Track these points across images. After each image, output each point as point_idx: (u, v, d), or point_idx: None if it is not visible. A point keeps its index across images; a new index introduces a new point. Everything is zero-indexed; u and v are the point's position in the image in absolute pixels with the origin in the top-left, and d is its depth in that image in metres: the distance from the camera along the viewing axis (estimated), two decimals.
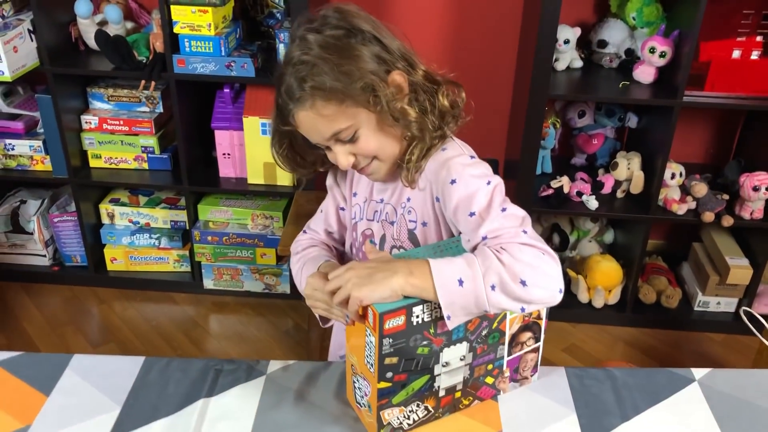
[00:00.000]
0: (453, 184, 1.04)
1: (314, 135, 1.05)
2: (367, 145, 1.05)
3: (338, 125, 1.02)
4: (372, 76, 1.00)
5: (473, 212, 1.01)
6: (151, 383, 1.17)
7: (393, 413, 1.02)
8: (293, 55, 1.01)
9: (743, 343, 2.34)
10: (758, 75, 2.04)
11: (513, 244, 0.96)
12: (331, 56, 0.99)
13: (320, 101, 1.00)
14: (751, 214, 2.21)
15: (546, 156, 2.41)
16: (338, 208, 1.28)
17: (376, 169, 1.11)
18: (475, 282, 0.93)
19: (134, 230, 2.52)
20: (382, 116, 1.03)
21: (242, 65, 2.14)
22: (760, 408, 1.13)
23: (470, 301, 0.94)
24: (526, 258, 0.95)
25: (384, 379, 0.98)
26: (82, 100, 2.38)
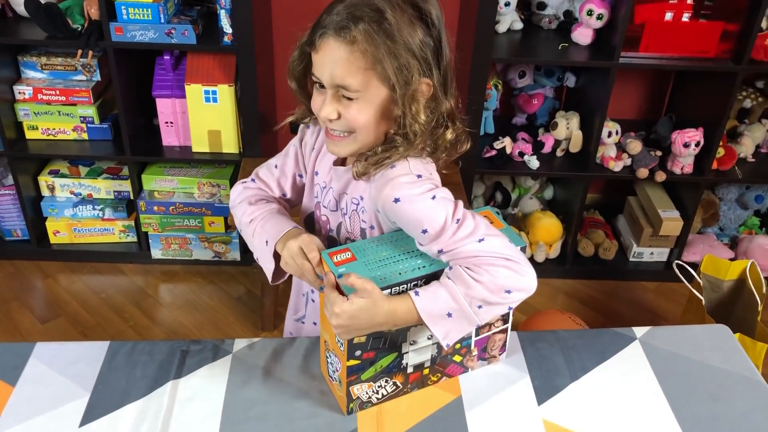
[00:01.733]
0: (397, 203, 1.01)
1: (324, 69, 1.00)
2: (358, 116, 1.01)
3: (352, 80, 0.98)
4: (415, 64, 0.97)
5: (425, 230, 1.00)
6: (118, 368, 1.18)
7: (362, 388, 1.07)
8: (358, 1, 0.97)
9: (675, 291, 2.49)
10: (688, 36, 2.13)
11: (484, 260, 1.00)
12: (394, 20, 0.95)
13: (358, 47, 0.96)
14: (682, 169, 2.33)
15: (488, 117, 2.46)
16: (296, 174, 1.23)
17: (345, 144, 1.06)
18: (463, 310, 1.00)
19: (76, 202, 2.47)
20: (390, 102, 1.00)
21: (183, 32, 2.09)
22: (694, 361, 1.23)
23: (463, 325, 1.02)
24: (501, 272, 1.00)
25: (353, 357, 1.02)
26: (13, 70, 2.28)
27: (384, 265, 1.02)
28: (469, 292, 0.99)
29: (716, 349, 1.25)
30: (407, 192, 1.01)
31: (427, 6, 1.00)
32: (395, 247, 1.06)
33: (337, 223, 1.18)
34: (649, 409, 1.14)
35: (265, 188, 1.24)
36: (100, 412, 1.11)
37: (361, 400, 1.10)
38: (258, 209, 1.19)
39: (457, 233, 1.00)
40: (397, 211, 1.02)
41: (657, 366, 1.21)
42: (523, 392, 1.16)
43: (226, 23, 2.09)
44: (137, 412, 1.11)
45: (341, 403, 1.10)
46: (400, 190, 1.01)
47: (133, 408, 1.11)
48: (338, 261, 1.02)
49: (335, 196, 1.16)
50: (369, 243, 1.07)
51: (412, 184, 1.02)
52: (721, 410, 1.14)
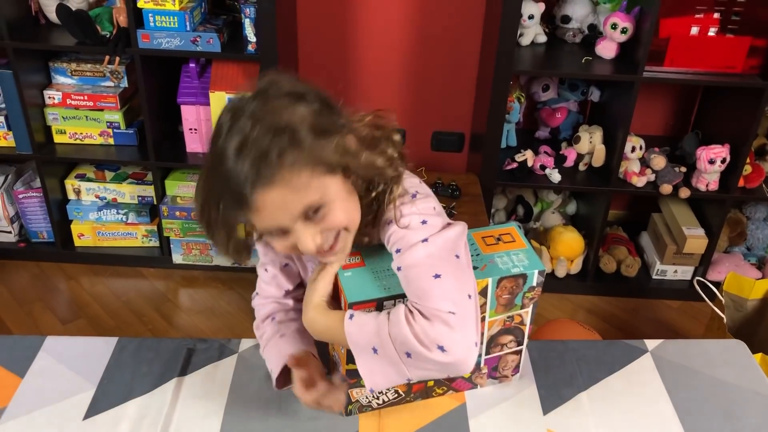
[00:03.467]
0: (389, 225, 0.97)
1: (279, 216, 0.91)
2: (339, 216, 0.93)
3: (311, 196, 0.90)
4: (339, 139, 0.90)
5: (399, 249, 0.95)
6: (124, 363, 1.19)
7: (362, 392, 1.06)
8: (237, 132, 0.87)
9: (698, 310, 2.44)
10: (715, 51, 2.10)
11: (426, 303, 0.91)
12: (283, 120, 0.87)
13: (292, 172, 0.87)
14: (707, 186, 2.29)
15: (511, 130, 2.45)
16: (282, 265, 1.17)
17: (344, 243, 0.98)
18: (387, 352, 0.92)
19: (101, 206, 2.51)
20: (349, 180, 0.94)
21: (208, 40, 2.12)
22: (707, 376, 1.20)
23: (388, 372, 0.94)
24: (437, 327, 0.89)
25: (351, 361, 1.00)
26: (44, 75, 2.34)
27: (392, 275, 0.97)
28: (396, 332, 0.90)
29: (731, 365, 1.22)
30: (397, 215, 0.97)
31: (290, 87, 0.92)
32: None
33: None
34: (658, 424, 1.11)
35: (268, 298, 1.20)
36: (105, 406, 1.12)
37: (361, 404, 1.09)
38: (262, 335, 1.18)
39: (423, 259, 0.93)
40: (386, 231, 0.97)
41: (668, 379, 1.19)
42: (528, 401, 1.15)
43: (251, 32, 2.12)
44: (141, 407, 1.12)
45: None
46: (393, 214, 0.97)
47: (137, 403, 1.12)
48: (346, 264, 1.01)
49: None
50: (375, 251, 1.03)
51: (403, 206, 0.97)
52: (733, 427, 1.11)
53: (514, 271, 1.02)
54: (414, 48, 2.48)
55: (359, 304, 0.95)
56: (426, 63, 2.50)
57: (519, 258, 1.04)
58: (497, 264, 1.03)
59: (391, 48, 2.48)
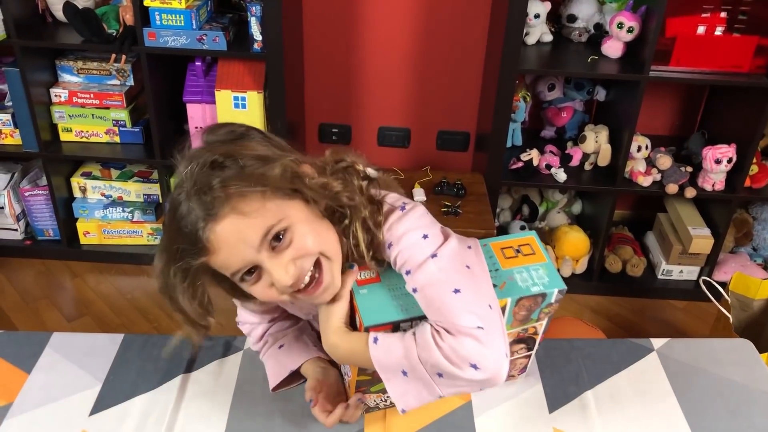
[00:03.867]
0: (390, 248, 0.94)
1: (239, 250, 0.86)
2: (305, 237, 0.88)
3: (267, 221, 0.85)
4: (287, 161, 0.88)
5: (408, 270, 0.91)
6: (130, 360, 1.20)
7: (370, 396, 1.05)
8: (184, 178, 0.86)
9: (704, 310, 2.43)
10: (721, 51, 2.09)
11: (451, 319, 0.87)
12: (231, 154, 0.86)
13: (238, 198, 0.84)
14: (713, 186, 2.28)
15: (516, 129, 2.45)
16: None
17: (330, 274, 0.92)
18: (418, 373, 0.89)
19: (107, 204, 2.51)
20: (308, 206, 0.90)
21: (214, 39, 2.13)
22: (713, 375, 1.20)
23: (421, 392, 0.91)
24: (467, 343, 0.86)
25: (363, 373, 0.98)
26: (50, 73, 2.35)
27: (405, 294, 0.94)
28: (425, 355, 0.87)
29: (737, 364, 1.22)
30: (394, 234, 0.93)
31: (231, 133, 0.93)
32: None
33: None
34: (664, 422, 1.11)
35: (253, 323, 1.21)
36: (110, 403, 1.12)
37: (368, 406, 1.08)
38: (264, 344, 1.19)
39: (437, 275, 0.90)
40: (390, 254, 0.94)
41: (674, 378, 1.18)
42: (534, 399, 1.14)
43: (257, 31, 2.12)
44: (146, 404, 1.12)
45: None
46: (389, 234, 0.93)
47: (143, 400, 1.13)
48: (362, 280, 0.95)
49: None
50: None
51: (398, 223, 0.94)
52: (739, 426, 1.10)
53: (534, 290, 0.98)
54: (419, 47, 2.48)
55: (376, 327, 0.91)
56: (431, 62, 2.50)
57: (539, 274, 1.00)
58: (516, 281, 0.99)
59: (397, 47, 2.48)
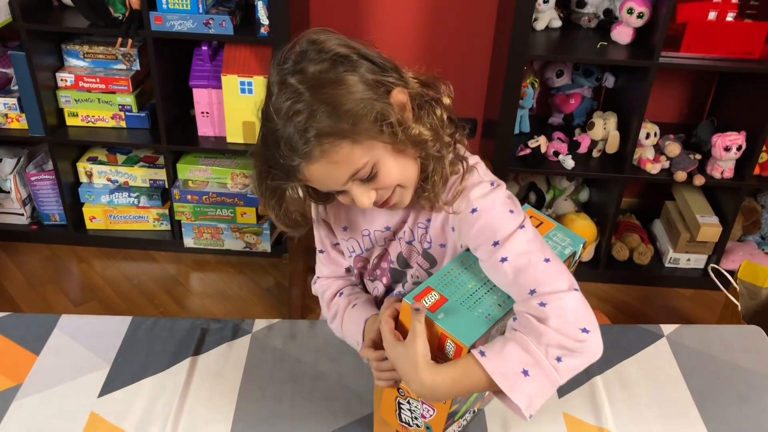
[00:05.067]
0: (473, 213, 0.96)
1: (329, 183, 0.94)
2: (389, 176, 0.94)
3: (355, 165, 0.91)
4: (378, 104, 0.89)
5: (497, 241, 0.93)
6: (138, 342, 1.20)
7: (452, 429, 1.01)
8: (282, 106, 0.88)
9: (711, 298, 2.42)
10: (733, 37, 2.07)
11: (548, 287, 0.89)
12: (326, 95, 0.87)
13: (330, 147, 0.88)
14: (722, 173, 2.26)
15: (524, 115, 2.43)
16: (333, 244, 1.19)
17: (400, 197, 0.99)
18: (540, 364, 0.86)
19: (113, 189, 2.51)
20: (397, 142, 0.92)
21: (220, 23, 2.11)
22: (723, 361, 1.19)
23: (544, 386, 0.87)
24: (570, 305, 0.88)
25: (455, 401, 0.95)
26: (56, 57, 2.34)
27: (479, 298, 0.93)
28: (542, 340, 0.86)
29: (747, 350, 1.21)
30: (483, 203, 0.96)
31: (331, 48, 0.91)
32: (472, 273, 0.97)
33: (397, 252, 1.12)
34: (674, 408, 1.10)
35: (329, 279, 1.22)
36: (119, 384, 1.12)
37: None
38: (335, 314, 1.18)
39: (526, 246, 0.92)
40: (472, 222, 0.96)
41: (684, 364, 1.18)
42: None
43: (263, 15, 2.11)
44: (155, 386, 1.12)
45: None
46: (476, 201, 0.96)
47: (151, 381, 1.13)
48: (430, 305, 0.91)
49: (391, 230, 1.11)
50: (444, 276, 0.96)
51: (487, 194, 0.97)
52: (750, 411, 1.10)
53: (567, 252, 1.03)
54: (427, 33, 2.46)
55: (476, 343, 0.88)
56: (439, 48, 2.48)
57: (560, 238, 1.06)
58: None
59: (404, 32, 2.47)
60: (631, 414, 1.09)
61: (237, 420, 1.07)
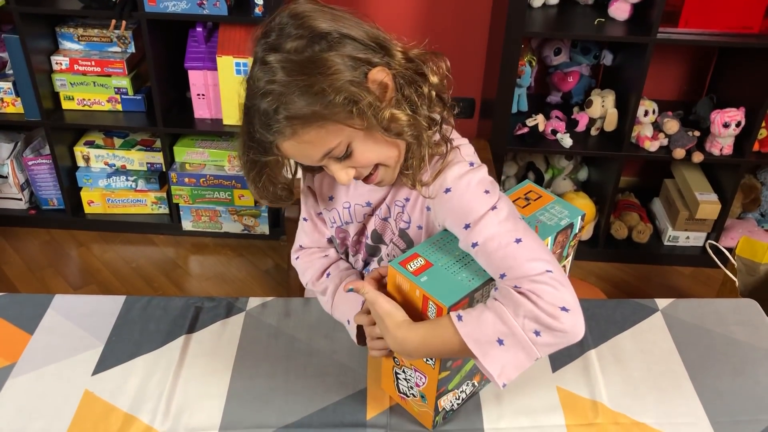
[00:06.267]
0: (447, 193, 0.96)
1: (305, 160, 0.97)
2: (364, 156, 0.95)
3: (327, 146, 0.92)
4: (350, 87, 0.88)
5: (468, 224, 0.92)
6: (132, 321, 1.20)
7: (447, 398, 1.01)
8: (259, 85, 0.89)
9: (710, 276, 2.42)
10: (731, 11, 2.05)
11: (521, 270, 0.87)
12: (298, 78, 0.87)
13: (300, 128, 0.89)
14: (721, 150, 2.25)
15: (522, 94, 2.42)
16: (317, 213, 1.20)
17: (384, 175, 1.00)
18: (515, 335, 0.86)
19: (110, 173, 2.51)
20: (371, 126, 0.91)
21: (214, 3, 2.10)
22: (717, 334, 1.19)
23: (519, 358, 0.87)
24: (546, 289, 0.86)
25: (444, 368, 0.95)
26: (51, 41, 2.33)
27: (464, 265, 0.93)
28: (519, 311, 0.85)
29: (742, 324, 1.21)
30: (458, 183, 0.95)
31: (311, 24, 0.90)
32: (453, 248, 0.96)
33: (372, 229, 1.13)
34: (667, 380, 1.10)
35: (312, 249, 1.23)
36: (113, 362, 1.12)
37: (446, 410, 1.03)
38: (325, 289, 1.18)
39: (497, 228, 0.91)
40: (445, 202, 0.96)
41: (678, 338, 1.18)
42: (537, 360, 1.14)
43: None
44: (149, 363, 1.12)
45: (423, 419, 1.03)
46: (452, 181, 0.96)
47: (145, 359, 1.13)
48: (415, 269, 0.92)
49: (372, 206, 1.11)
50: (432, 244, 0.97)
51: (464, 175, 0.96)
52: (743, 384, 1.10)
53: (563, 223, 1.05)
54: (424, 11, 2.44)
55: (456, 305, 0.89)
56: (436, 27, 2.46)
57: (558, 210, 1.07)
58: (545, 222, 1.05)
59: (401, 12, 2.45)
60: (624, 387, 1.09)
61: (231, 396, 1.07)
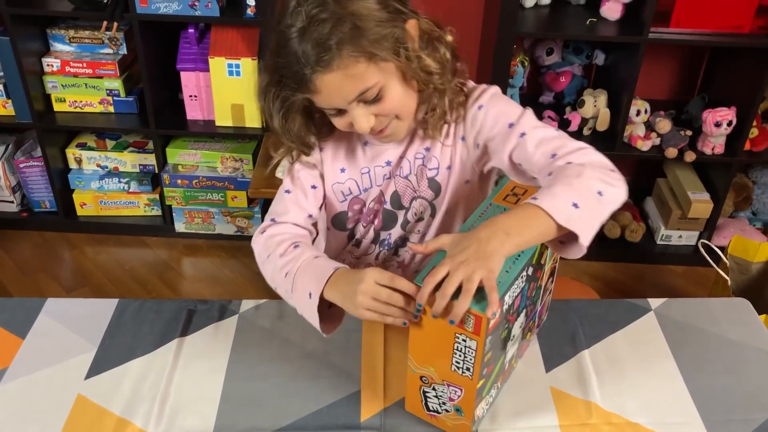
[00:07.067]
0: (480, 109, 1.07)
1: (336, 98, 0.97)
2: (392, 102, 0.99)
3: (366, 83, 0.95)
4: (395, 28, 0.95)
5: (511, 123, 1.03)
6: (125, 324, 1.19)
7: (480, 406, 0.99)
8: (304, 14, 0.91)
9: (703, 275, 2.43)
10: (722, 11, 2.05)
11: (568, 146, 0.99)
12: (351, 8, 0.91)
13: (349, 60, 0.92)
14: (713, 149, 2.26)
15: (514, 94, 2.42)
16: (312, 186, 1.15)
17: (395, 128, 1.04)
18: (585, 197, 0.91)
19: (103, 175, 2.50)
20: (406, 69, 0.98)
21: (206, 4, 2.09)
22: (710, 333, 1.19)
23: (592, 218, 0.92)
24: (592, 153, 0.99)
25: (481, 377, 0.92)
26: (42, 42, 2.32)
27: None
28: (582, 176, 0.93)
29: (734, 323, 1.21)
30: (486, 97, 1.07)
31: None
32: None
33: (392, 192, 1.16)
34: (660, 380, 1.11)
35: (287, 224, 1.13)
36: (106, 366, 1.12)
37: (479, 418, 1.01)
38: (290, 260, 1.05)
39: (536, 122, 1.04)
40: (483, 116, 1.06)
41: (671, 337, 1.18)
42: (531, 359, 1.14)
43: None
44: (142, 367, 1.12)
45: (459, 431, 1.00)
46: (479, 100, 1.07)
47: (138, 363, 1.12)
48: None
49: (392, 166, 1.14)
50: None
51: (484, 91, 1.09)
52: (736, 383, 1.10)
53: None
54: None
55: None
56: None
57: None
58: None
59: None
60: (617, 387, 1.09)
61: (224, 399, 1.07)
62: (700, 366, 1.13)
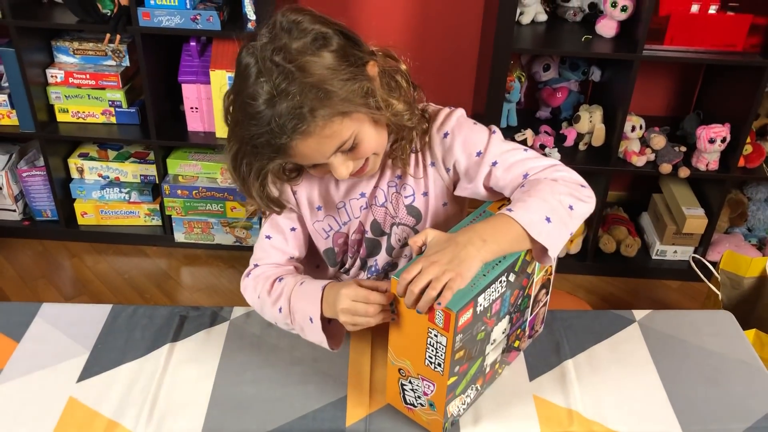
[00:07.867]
0: (446, 137, 1.08)
1: (315, 157, 0.99)
2: (368, 145, 1.01)
3: (342, 137, 0.97)
4: (363, 79, 0.96)
5: (479, 151, 1.06)
6: (118, 329, 1.22)
7: (455, 404, 1.02)
8: (268, 86, 0.91)
9: (697, 290, 2.44)
10: (715, 30, 2.08)
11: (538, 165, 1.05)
12: (315, 74, 0.92)
13: (325, 122, 0.93)
14: (707, 166, 2.28)
15: (511, 109, 2.45)
16: (291, 229, 1.19)
17: (373, 164, 1.07)
18: (557, 211, 0.98)
19: (104, 184, 2.53)
20: (378, 117, 1.00)
21: (208, 18, 2.13)
22: (692, 345, 1.21)
23: (562, 231, 0.99)
24: (562, 170, 1.06)
25: (452, 374, 0.96)
26: (46, 54, 2.36)
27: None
28: (555, 191, 1.00)
29: (717, 335, 1.23)
30: (450, 124, 1.09)
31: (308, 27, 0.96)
32: None
33: (371, 220, 1.18)
34: (642, 390, 1.12)
35: (270, 264, 1.18)
36: (98, 370, 1.14)
37: (453, 416, 1.04)
38: (280, 294, 1.11)
39: (503, 145, 1.07)
40: (450, 144, 1.08)
41: (654, 348, 1.20)
42: (515, 367, 1.16)
43: (250, 10, 2.13)
44: (134, 371, 1.14)
45: (432, 427, 1.03)
46: (444, 126, 1.09)
47: (130, 367, 1.15)
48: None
49: (366, 197, 1.16)
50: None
51: (449, 116, 1.10)
52: (716, 394, 1.12)
53: None
54: (414, 27, 2.48)
55: (462, 309, 0.89)
56: (426, 42, 2.50)
57: None
58: None
59: (392, 27, 2.49)
60: (599, 396, 1.11)
61: (213, 403, 1.09)
62: (682, 376, 1.14)
